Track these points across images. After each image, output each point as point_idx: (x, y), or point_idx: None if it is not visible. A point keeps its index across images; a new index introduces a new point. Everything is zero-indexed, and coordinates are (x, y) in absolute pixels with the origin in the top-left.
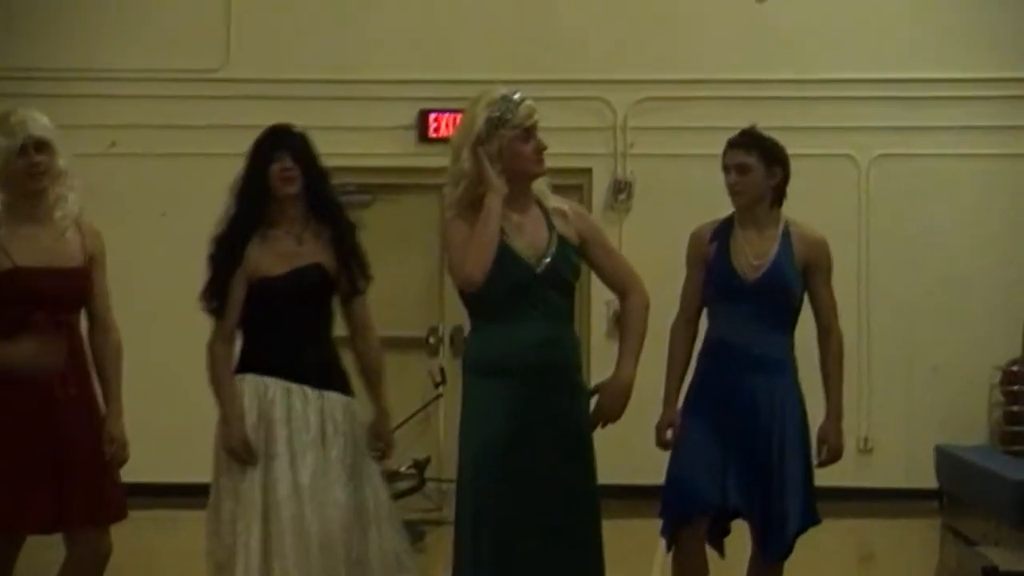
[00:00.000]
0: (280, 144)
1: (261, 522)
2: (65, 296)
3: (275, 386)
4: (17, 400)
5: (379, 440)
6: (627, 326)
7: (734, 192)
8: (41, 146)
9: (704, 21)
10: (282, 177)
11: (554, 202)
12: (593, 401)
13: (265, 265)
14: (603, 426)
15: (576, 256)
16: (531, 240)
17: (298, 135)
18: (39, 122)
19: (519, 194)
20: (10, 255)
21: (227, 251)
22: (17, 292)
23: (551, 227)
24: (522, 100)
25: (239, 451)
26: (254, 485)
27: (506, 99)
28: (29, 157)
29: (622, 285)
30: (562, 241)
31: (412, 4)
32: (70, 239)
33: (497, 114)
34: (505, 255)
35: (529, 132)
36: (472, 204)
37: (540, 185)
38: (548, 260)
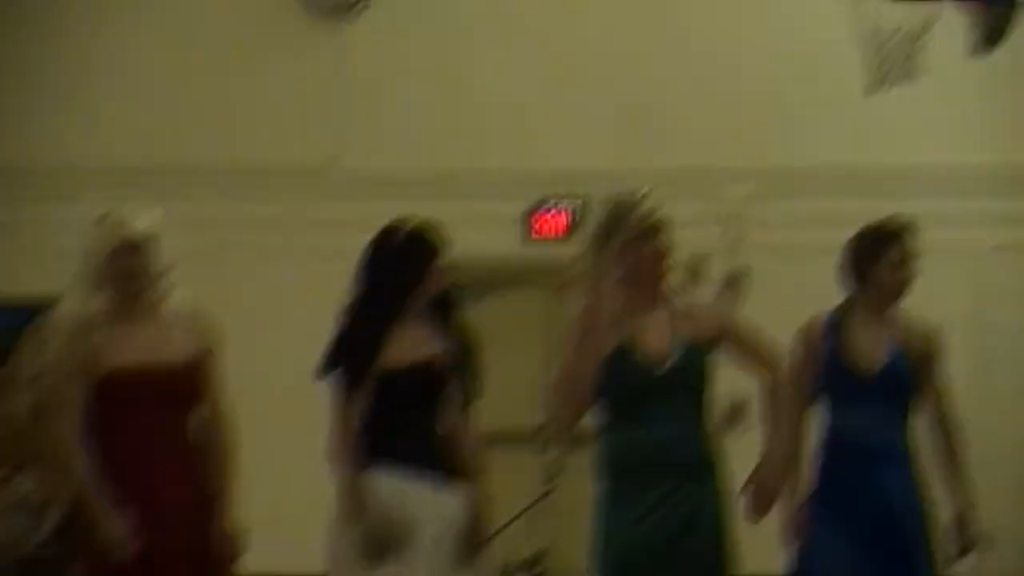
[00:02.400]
0: (436, 246)
1: None
2: (170, 394)
3: (401, 481)
4: (124, 505)
5: (475, 532)
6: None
7: (905, 287)
8: (136, 247)
9: (825, 106)
10: (438, 280)
11: (683, 303)
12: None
13: (391, 357)
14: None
15: (703, 358)
16: (655, 343)
17: (443, 236)
18: (136, 221)
19: (644, 295)
20: (112, 356)
21: (370, 343)
22: (120, 393)
23: (676, 329)
24: (643, 198)
25: (377, 548)
26: None
27: (626, 198)
28: (125, 259)
29: (765, 364)
30: (688, 344)
31: (513, 98)
32: (176, 336)
33: (615, 214)
34: (626, 361)
35: (649, 233)
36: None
37: (674, 285)
38: (670, 364)
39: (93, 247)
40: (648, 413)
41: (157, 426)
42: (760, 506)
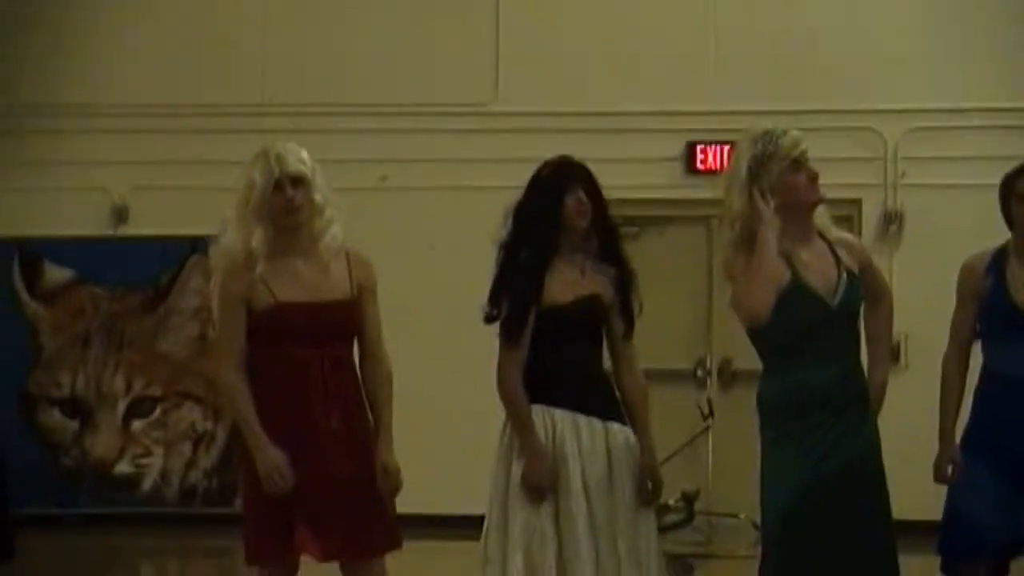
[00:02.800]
0: (574, 176)
1: (554, 558)
2: (329, 329)
3: (563, 418)
4: (282, 435)
5: (648, 475)
6: (880, 332)
7: None
8: (297, 181)
9: (975, 48)
10: (577, 210)
11: (836, 234)
12: None
13: (553, 294)
14: None
15: (860, 291)
16: (822, 276)
17: (587, 169)
18: (295, 156)
19: (801, 229)
20: (272, 291)
21: (530, 281)
22: (280, 328)
23: (838, 260)
24: (785, 132)
25: (545, 485)
26: (548, 520)
27: (769, 133)
28: (284, 193)
29: (877, 292)
30: (851, 275)
31: (678, 35)
32: (335, 271)
33: (762, 149)
34: (801, 292)
35: (798, 162)
36: (750, 242)
37: (822, 219)
38: (841, 295)
39: (252, 181)
40: (817, 348)
41: (316, 360)
42: None
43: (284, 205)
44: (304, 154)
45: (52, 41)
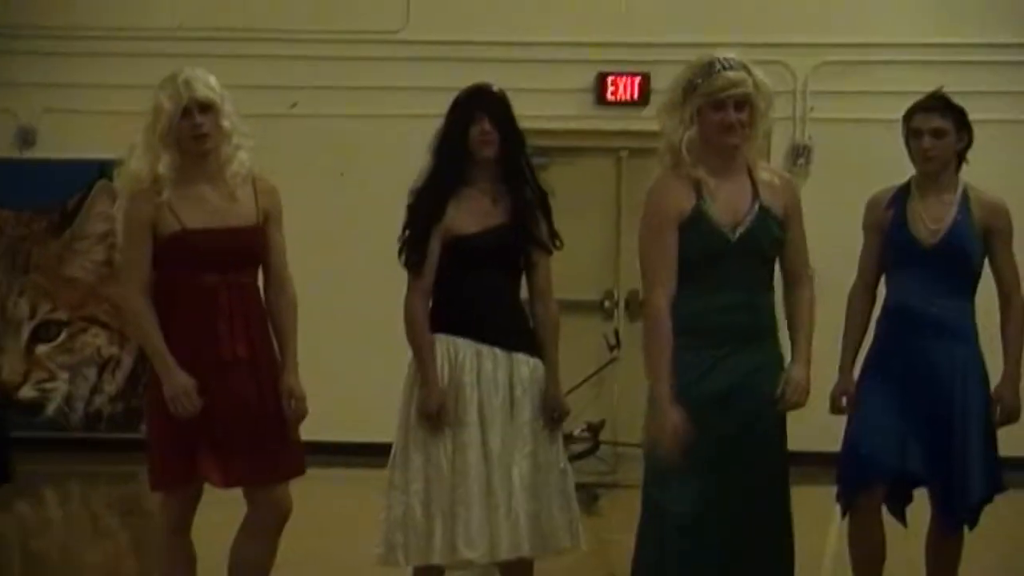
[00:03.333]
0: (480, 105)
1: (448, 487)
2: (234, 255)
3: (465, 347)
4: (187, 360)
5: (553, 405)
6: (800, 322)
7: (927, 157)
8: (205, 107)
9: None
10: (481, 140)
11: (765, 173)
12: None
13: (460, 223)
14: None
15: (779, 229)
16: (729, 208)
17: (499, 97)
18: (204, 82)
19: (721, 162)
20: (178, 217)
21: (429, 207)
22: (186, 254)
23: (756, 196)
24: (724, 69)
25: (435, 416)
26: (442, 449)
27: (710, 65)
28: (192, 119)
29: (796, 275)
30: (764, 212)
31: None
32: (242, 198)
33: (694, 78)
34: (700, 221)
35: (722, 103)
36: (676, 167)
37: (754, 154)
38: (743, 229)
39: (160, 107)
40: (716, 277)
41: (222, 286)
42: None
43: (192, 131)
44: (213, 80)
45: None
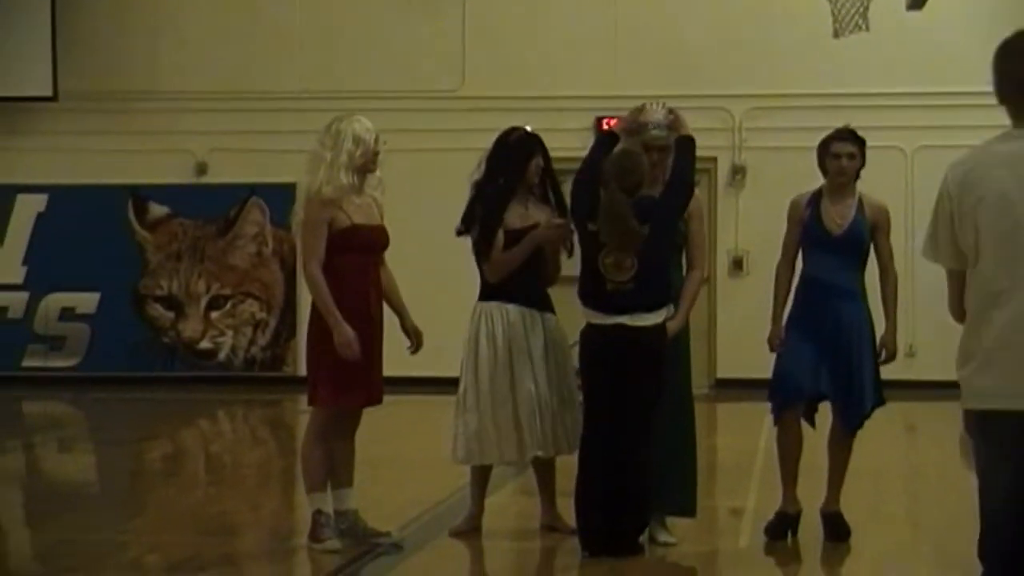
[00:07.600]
0: (538, 145)
1: (512, 404)
2: (379, 244)
3: (514, 311)
4: (349, 319)
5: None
6: (687, 292)
7: (843, 173)
8: (376, 140)
9: (798, 49)
10: (535, 171)
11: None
12: None
13: (511, 221)
14: None
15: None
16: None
17: (542, 140)
18: (360, 125)
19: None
20: (349, 216)
21: (496, 212)
22: (353, 242)
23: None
24: (649, 127)
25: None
26: (505, 379)
27: (644, 114)
28: (377, 147)
29: (690, 260)
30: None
31: (587, 40)
32: (375, 204)
33: (634, 123)
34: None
35: (648, 146)
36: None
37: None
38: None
39: (359, 138)
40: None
41: (371, 265)
42: None
43: (375, 157)
44: (368, 123)
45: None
